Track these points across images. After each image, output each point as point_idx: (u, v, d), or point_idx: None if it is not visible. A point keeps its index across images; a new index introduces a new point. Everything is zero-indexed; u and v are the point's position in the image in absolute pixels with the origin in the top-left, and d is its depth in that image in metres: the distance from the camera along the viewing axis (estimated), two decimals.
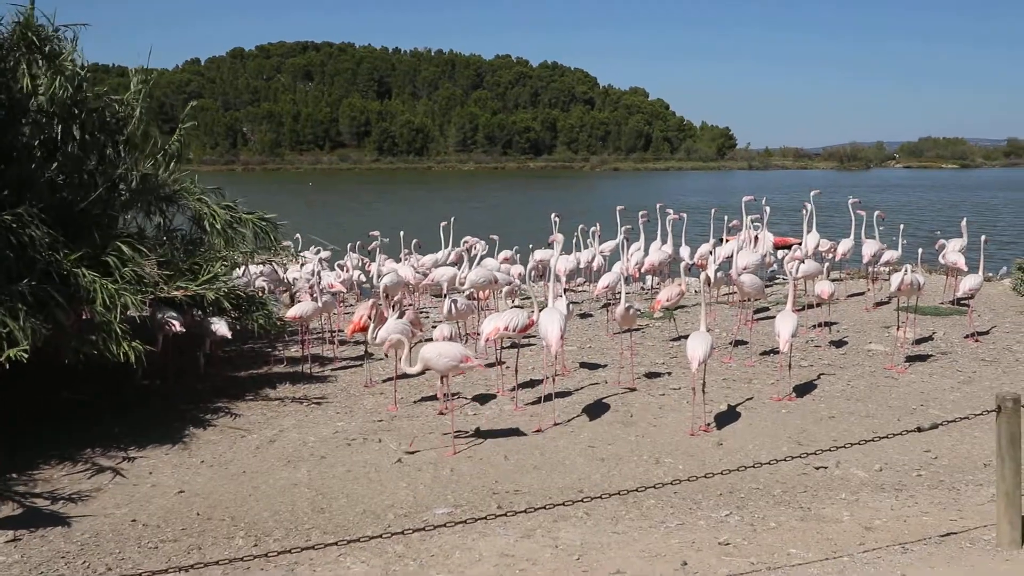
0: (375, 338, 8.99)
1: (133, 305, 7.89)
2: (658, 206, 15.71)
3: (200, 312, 10.03)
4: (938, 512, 6.11)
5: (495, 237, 16.08)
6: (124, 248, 8.41)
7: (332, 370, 10.72)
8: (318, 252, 15.68)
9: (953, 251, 14.20)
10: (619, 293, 10.40)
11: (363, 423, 8.60)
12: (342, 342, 11.95)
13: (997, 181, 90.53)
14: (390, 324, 9.06)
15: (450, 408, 8.73)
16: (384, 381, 10.14)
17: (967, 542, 5.56)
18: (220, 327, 9.83)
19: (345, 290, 13.31)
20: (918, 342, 11.65)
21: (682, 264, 15.51)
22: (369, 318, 9.63)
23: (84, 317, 8.23)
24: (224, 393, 9.61)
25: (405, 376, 9.01)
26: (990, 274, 17.76)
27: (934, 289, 14.82)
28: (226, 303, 9.46)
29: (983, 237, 13.49)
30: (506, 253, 16.19)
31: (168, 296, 8.90)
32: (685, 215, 15.85)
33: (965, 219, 15.66)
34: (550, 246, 12.78)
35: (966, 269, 13.08)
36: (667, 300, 11.21)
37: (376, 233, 13.71)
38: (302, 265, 14.29)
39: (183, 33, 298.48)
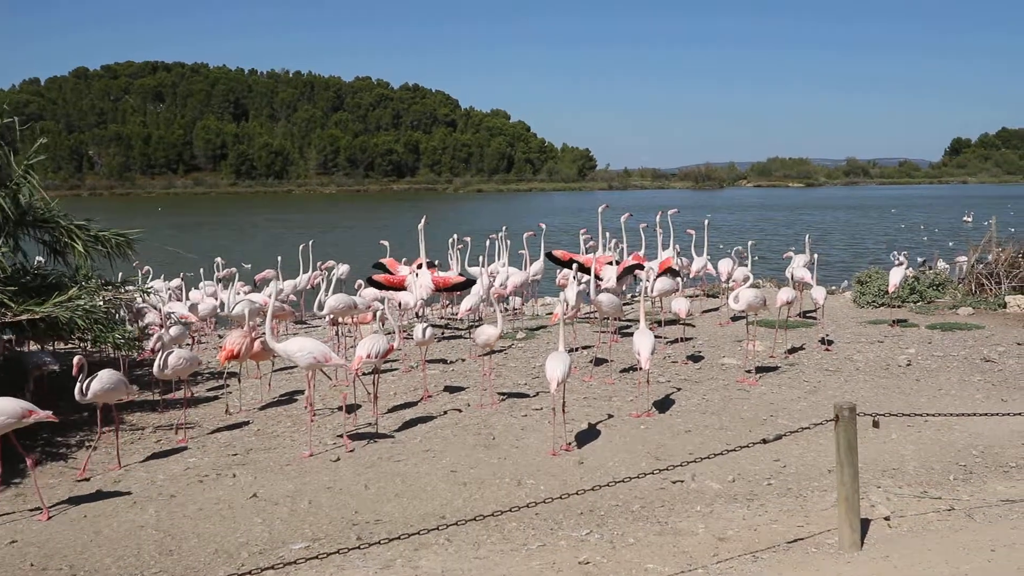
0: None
1: None
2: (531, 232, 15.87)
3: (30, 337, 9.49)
4: (786, 519, 6.34)
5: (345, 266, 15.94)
6: None
7: (183, 403, 10.25)
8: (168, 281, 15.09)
9: (799, 267, 14.92)
10: (483, 315, 10.43)
11: (217, 458, 8.25)
12: (192, 373, 11.48)
13: (838, 200, 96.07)
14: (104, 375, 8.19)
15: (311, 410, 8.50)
16: (261, 409, 9.88)
17: (813, 547, 5.79)
18: (46, 359, 9.31)
19: (196, 319, 12.80)
20: (770, 354, 12.14)
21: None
22: (242, 347, 9.35)
23: None
24: (62, 430, 9.04)
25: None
26: (833, 287, 18.80)
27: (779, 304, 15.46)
28: (81, 323, 8.97)
29: (815, 255, 14.31)
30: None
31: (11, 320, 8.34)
32: (504, 234, 16.05)
33: (808, 235, 16.53)
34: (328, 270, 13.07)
35: (813, 283, 13.73)
36: (575, 311, 11.56)
37: (219, 261, 13.41)
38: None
39: (20, 51, 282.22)
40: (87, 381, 7.62)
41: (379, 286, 12.97)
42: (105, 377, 7.76)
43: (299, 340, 8.71)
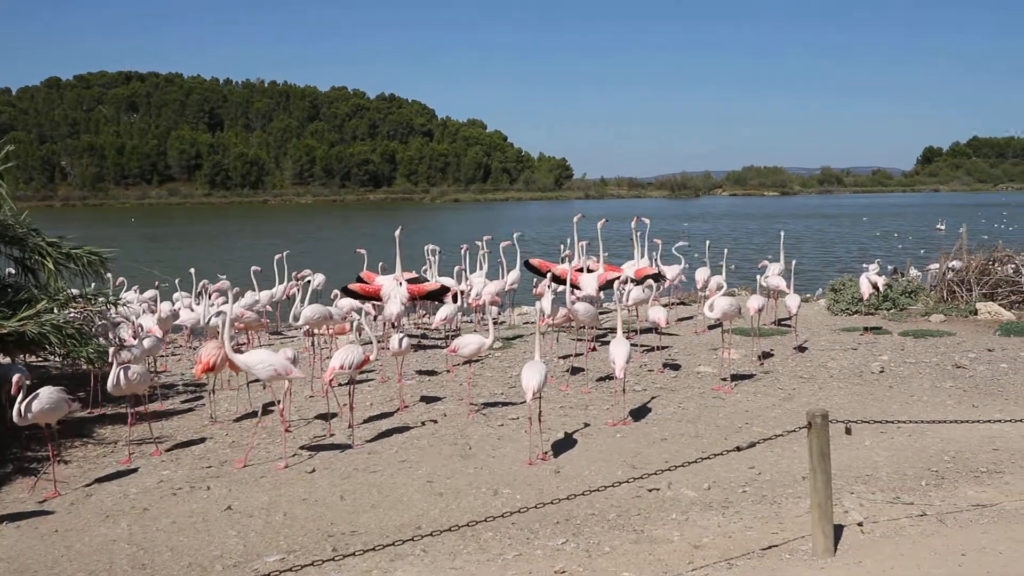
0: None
1: None
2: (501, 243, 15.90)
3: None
4: (761, 526, 6.37)
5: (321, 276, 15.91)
6: None
7: (158, 416, 10.18)
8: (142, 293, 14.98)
9: (774, 275, 15.03)
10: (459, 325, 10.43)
11: (190, 471, 8.18)
12: (166, 386, 11.42)
13: (811, 208, 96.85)
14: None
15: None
16: (236, 420, 9.81)
17: (787, 553, 5.82)
18: (19, 372, 9.19)
19: (160, 333, 12.62)
20: (744, 362, 12.21)
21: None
22: (218, 359, 9.28)
23: None
24: (34, 443, 8.94)
25: None
26: (807, 295, 18.95)
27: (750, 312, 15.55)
28: (52, 338, 8.91)
29: (793, 261, 14.42)
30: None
31: None
32: (482, 243, 16.11)
33: (783, 233, 16.59)
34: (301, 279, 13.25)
35: (789, 291, 13.82)
36: (552, 320, 11.84)
37: (192, 271, 13.39)
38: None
39: None
40: (27, 402, 7.41)
41: (355, 295, 12.96)
42: (45, 396, 7.52)
43: (259, 352, 8.65)
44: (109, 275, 13.58)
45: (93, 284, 11.51)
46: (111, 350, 8.97)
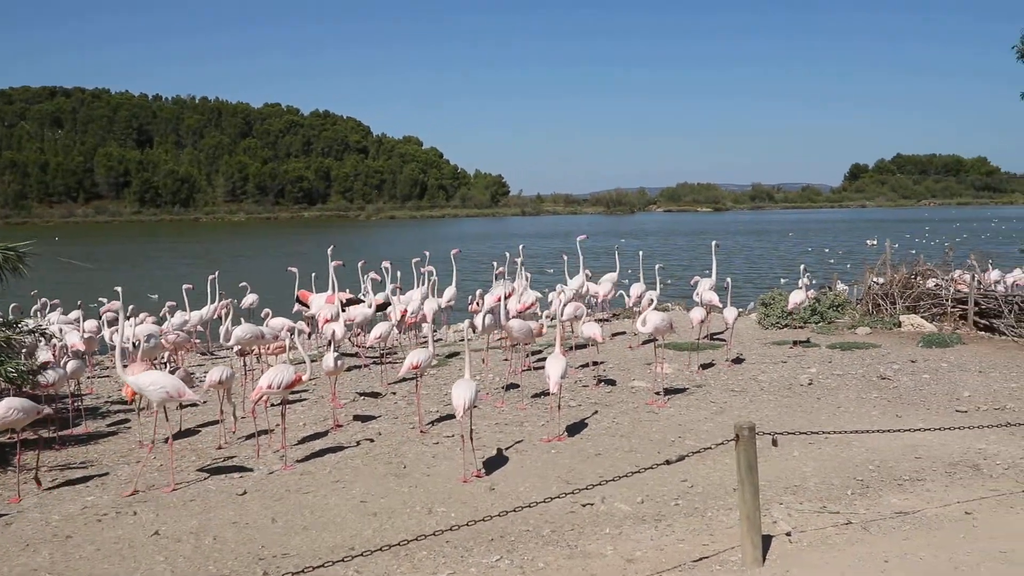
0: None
1: None
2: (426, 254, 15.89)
3: None
4: (693, 538, 6.45)
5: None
6: None
7: (81, 439, 9.91)
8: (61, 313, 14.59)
9: (706, 290, 15.26)
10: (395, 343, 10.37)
11: (116, 496, 7.97)
12: (91, 409, 11.12)
13: (742, 224, 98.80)
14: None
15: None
16: (165, 442, 9.55)
17: (717, 564, 5.90)
18: None
19: (84, 348, 12.29)
20: (677, 376, 12.37)
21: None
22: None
23: None
24: None
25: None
26: (740, 309, 19.28)
27: (690, 325, 15.77)
28: None
29: (728, 279, 14.68)
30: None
31: None
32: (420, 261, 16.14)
33: (715, 243, 16.85)
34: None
35: (721, 306, 14.04)
36: (487, 336, 12.01)
37: (118, 289, 13.14)
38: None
39: None
40: None
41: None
42: None
43: (151, 374, 8.43)
44: (35, 292, 13.22)
45: (13, 305, 11.17)
46: None
